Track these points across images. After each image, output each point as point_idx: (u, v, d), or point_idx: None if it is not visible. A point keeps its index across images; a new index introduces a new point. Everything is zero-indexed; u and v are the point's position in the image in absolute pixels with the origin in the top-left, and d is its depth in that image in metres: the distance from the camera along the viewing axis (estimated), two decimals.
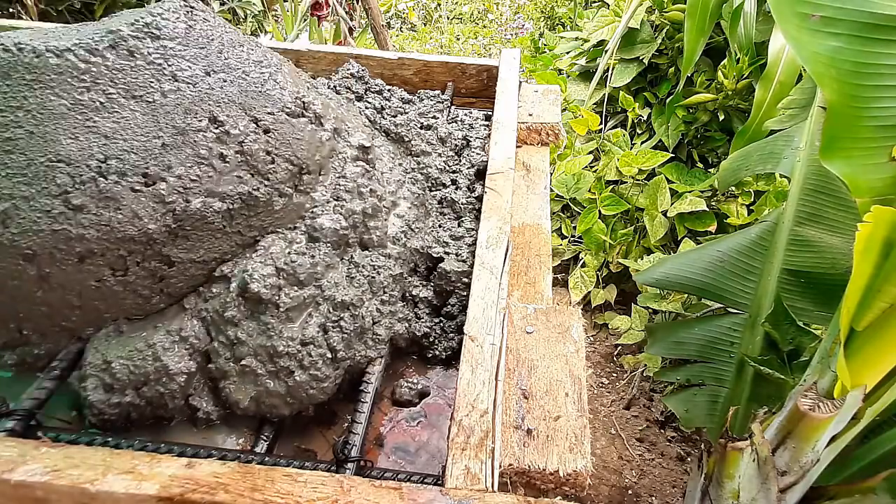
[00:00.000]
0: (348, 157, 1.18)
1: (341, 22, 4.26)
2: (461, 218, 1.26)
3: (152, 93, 0.95)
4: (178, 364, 0.92)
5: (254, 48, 1.12)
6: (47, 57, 0.91)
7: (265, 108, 1.05)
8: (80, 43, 0.93)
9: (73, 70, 0.91)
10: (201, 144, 0.96)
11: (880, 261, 1.12)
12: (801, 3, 1.16)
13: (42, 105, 0.90)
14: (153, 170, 0.93)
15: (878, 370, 1.21)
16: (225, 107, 1.01)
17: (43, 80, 0.90)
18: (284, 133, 1.06)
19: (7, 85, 0.89)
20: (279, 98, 1.09)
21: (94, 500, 0.70)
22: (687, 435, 2.49)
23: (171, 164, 0.94)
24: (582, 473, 0.83)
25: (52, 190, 0.89)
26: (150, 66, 0.96)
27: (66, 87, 0.91)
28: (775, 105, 1.97)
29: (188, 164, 0.95)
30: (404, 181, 1.25)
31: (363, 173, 1.17)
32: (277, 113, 1.07)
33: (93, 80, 0.92)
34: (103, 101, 0.92)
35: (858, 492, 1.31)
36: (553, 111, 1.54)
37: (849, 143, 1.20)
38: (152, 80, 0.96)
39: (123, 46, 0.95)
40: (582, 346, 1.00)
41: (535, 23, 5.37)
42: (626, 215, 2.83)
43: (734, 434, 1.62)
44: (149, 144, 0.93)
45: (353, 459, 0.84)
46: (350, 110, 1.32)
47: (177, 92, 0.97)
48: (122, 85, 0.94)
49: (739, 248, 1.73)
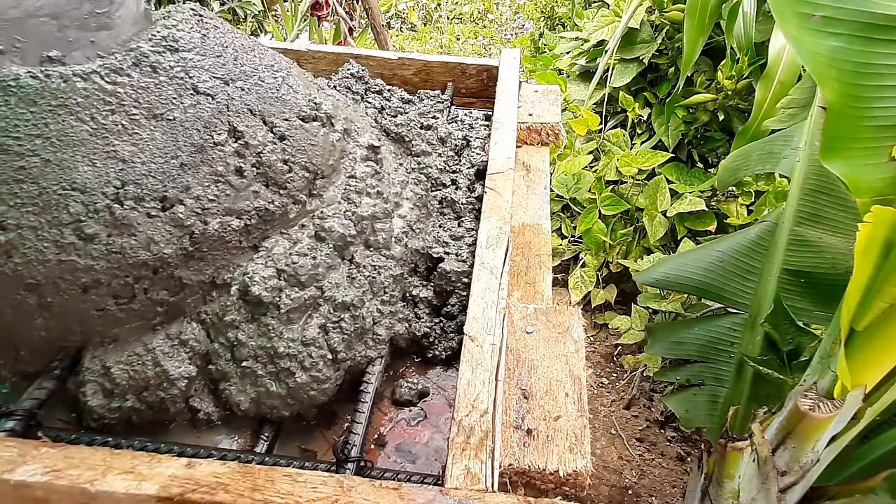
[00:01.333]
0: (358, 157, 1.18)
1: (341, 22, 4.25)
2: (461, 218, 1.25)
3: (173, 109, 0.94)
4: (179, 369, 0.92)
5: (263, 52, 1.11)
6: (74, 81, 0.88)
7: (282, 114, 1.05)
8: (105, 64, 0.91)
9: (99, 93, 0.89)
10: (219, 161, 0.96)
11: (880, 261, 1.12)
12: (802, 3, 1.15)
13: (62, 132, 0.87)
14: (171, 192, 0.92)
15: (878, 370, 1.21)
16: (244, 117, 1.00)
17: (69, 105, 0.87)
18: (300, 139, 1.06)
19: (31, 112, 0.86)
20: (294, 102, 1.08)
21: (94, 500, 0.70)
22: (687, 435, 2.49)
23: (190, 184, 0.93)
24: (582, 473, 0.83)
25: (63, 219, 0.87)
26: (172, 80, 0.95)
27: (91, 111, 0.88)
28: (776, 105, 1.97)
29: (206, 184, 0.94)
30: (407, 181, 1.25)
31: (373, 173, 1.17)
32: (293, 119, 1.06)
33: (119, 101, 0.90)
34: (125, 123, 0.90)
35: (858, 492, 1.31)
36: (553, 111, 1.54)
37: (849, 143, 1.19)
38: (174, 95, 0.95)
39: (146, 63, 0.94)
40: (582, 346, 1.00)
41: (535, 23, 5.37)
42: (626, 215, 2.83)
43: (734, 434, 1.62)
44: (167, 166, 0.92)
45: (353, 459, 0.84)
46: (357, 110, 1.32)
47: (197, 106, 0.96)
48: (145, 104, 0.92)
49: (739, 248, 1.73)
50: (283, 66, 1.12)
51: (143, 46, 0.95)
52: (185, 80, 0.96)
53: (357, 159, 1.18)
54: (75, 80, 0.88)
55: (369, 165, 1.18)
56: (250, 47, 1.08)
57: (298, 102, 1.08)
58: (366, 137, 1.22)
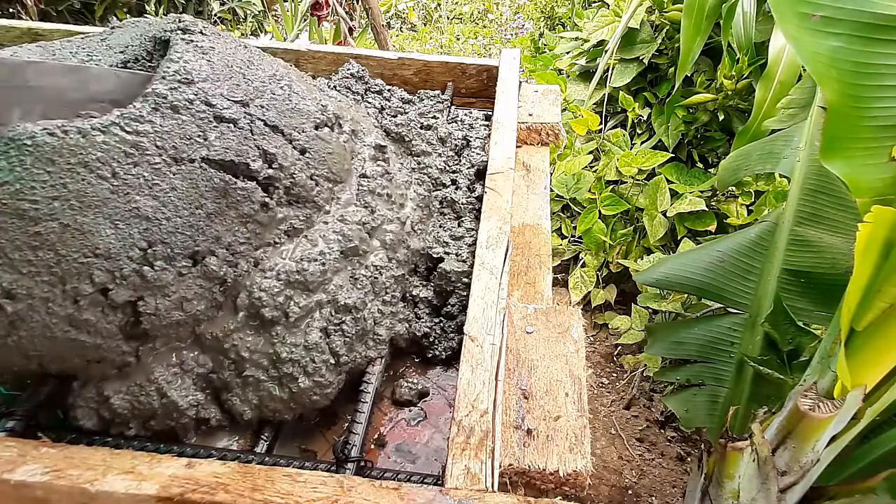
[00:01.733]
0: (366, 156, 1.18)
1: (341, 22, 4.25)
2: (461, 218, 1.25)
3: (199, 147, 0.89)
4: (187, 398, 0.90)
5: (261, 60, 1.09)
6: (94, 136, 0.83)
7: (300, 126, 1.03)
8: (124, 114, 0.86)
9: (120, 145, 0.84)
10: (244, 203, 0.92)
11: (880, 261, 1.12)
12: (802, 3, 1.15)
13: (82, 192, 0.81)
14: (202, 246, 0.88)
15: (878, 370, 1.21)
16: (270, 137, 0.97)
17: (89, 162, 0.82)
18: (319, 149, 1.04)
19: (48, 172, 0.80)
20: (306, 110, 1.05)
21: (94, 500, 0.70)
22: (687, 435, 2.49)
23: (219, 233, 0.90)
24: (582, 473, 0.83)
25: (83, 290, 0.81)
26: (195, 116, 0.90)
27: (112, 165, 0.83)
28: (776, 105, 1.97)
29: (235, 228, 0.91)
30: (411, 181, 1.25)
31: (383, 173, 1.16)
32: (308, 129, 1.04)
33: (141, 151, 0.85)
34: (147, 174, 0.85)
35: (858, 492, 1.31)
36: (553, 111, 1.54)
37: (849, 143, 1.19)
38: (199, 131, 0.90)
39: (166, 104, 0.89)
40: (582, 346, 1.00)
41: (535, 23, 5.37)
42: (626, 215, 2.83)
43: (734, 434, 1.62)
44: (193, 218, 0.87)
45: (353, 459, 0.84)
46: (359, 111, 1.32)
47: (223, 136, 0.92)
48: (169, 149, 0.87)
49: (739, 248, 1.72)
50: (285, 73, 1.11)
51: (158, 87, 0.90)
52: (207, 111, 0.92)
53: (366, 159, 1.17)
54: (94, 135, 0.83)
55: (380, 165, 1.17)
56: (249, 59, 1.06)
57: (309, 109, 1.06)
58: (372, 137, 1.22)
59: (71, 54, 1.07)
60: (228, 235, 0.91)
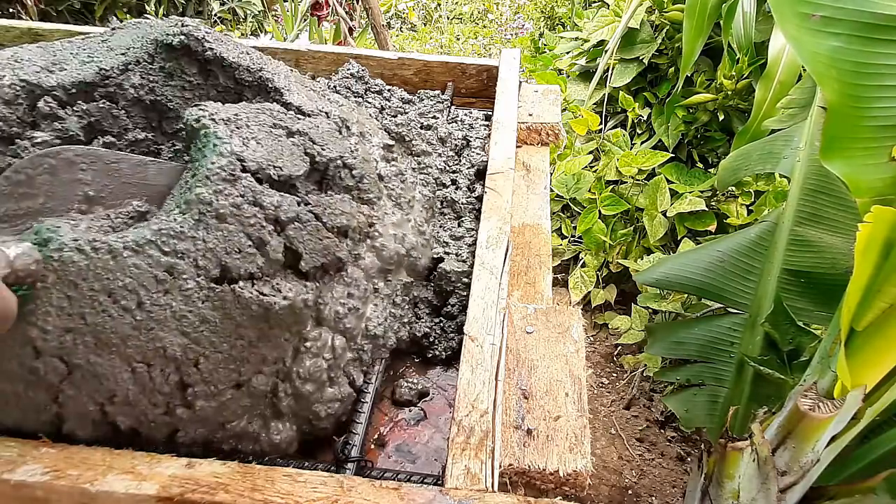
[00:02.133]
0: (377, 157, 1.17)
1: (341, 22, 4.25)
2: (461, 218, 1.25)
3: (249, 262, 0.77)
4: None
5: (270, 111, 0.98)
6: (126, 257, 0.73)
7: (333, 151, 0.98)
8: (163, 229, 0.75)
9: (153, 268, 0.74)
10: (295, 324, 0.84)
11: (880, 261, 1.12)
12: (802, 3, 1.15)
13: (100, 327, 0.71)
14: (247, 374, 0.80)
15: (878, 370, 1.21)
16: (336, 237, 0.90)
17: (114, 290, 0.72)
18: (364, 169, 1.01)
19: (68, 298, 0.70)
20: (341, 145, 0.99)
21: (94, 500, 0.70)
22: (687, 435, 2.49)
23: (266, 353, 0.81)
24: (582, 473, 0.83)
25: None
26: (244, 224, 0.79)
27: (140, 293, 0.73)
28: (776, 105, 1.97)
29: (284, 344, 0.83)
30: (416, 182, 1.25)
31: (397, 173, 1.16)
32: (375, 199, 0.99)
33: (176, 276, 0.75)
34: (177, 303, 0.74)
35: (858, 492, 1.31)
36: (553, 111, 1.54)
37: (849, 143, 1.19)
38: (247, 242, 0.78)
39: (210, 213, 0.77)
40: (582, 346, 1.00)
41: (535, 23, 5.37)
42: (626, 215, 2.83)
43: (734, 434, 1.62)
44: (235, 351, 0.77)
45: (353, 459, 0.84)
46: (362, 113, 1.32)
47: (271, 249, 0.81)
48: (212, 267, 0.76)
49: (739, 248, 1.72)
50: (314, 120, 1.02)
51: (201, 191, 0.78)
52: (258, 214, 0.80)
53: (377, 160, 1.17)
54: (126, 256, 0.73)
55: (394, 166, 1.16)
56: (263, 117, 0.94)
57: (344, 144, 0.99)
58: (378, 138, 1.22)
59: (72, 55, 1.07)
60: (277, 351, 0.83)
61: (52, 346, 0.70)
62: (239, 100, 1.12)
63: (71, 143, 0.98)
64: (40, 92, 0.99)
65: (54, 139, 0.97)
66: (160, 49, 1.07)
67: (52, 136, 0.97)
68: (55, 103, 0.99)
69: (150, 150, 1.06)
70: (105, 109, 1.02)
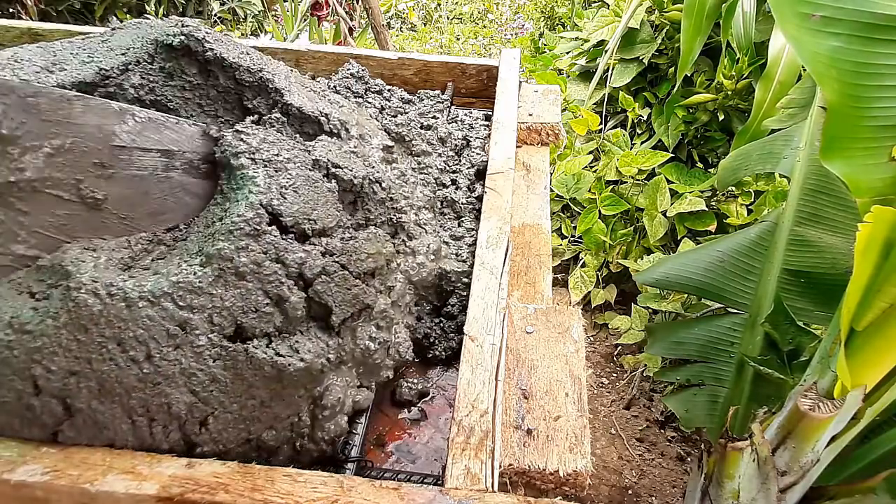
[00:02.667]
0: (377, 159, 1.17)
1: (341, 22, 4.25)
2: (461, 218, 1.25)
3: (269, 317, 0.74)
4: None
5: (289, 147, 0.93)
6: (140, 308, 0.71)
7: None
8: (180, 282, 0.73)
9: (166, 322, 0.71)
10: (312, 383, 0.81)
11: (880, 261, 1.12)
12: (802, 3, 1.15)
13: (105, 375, 0.69)
14: (258, 431, 0.78)
15: (878, 370, 1.20)
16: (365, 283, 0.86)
17: (124, 340, 0.70)
18: (394, 183, 0.99)
19: (77, 342, 0.68)
20: (361, 162, 0.97)
21: (94, 500, 0.70)
22: (687, 435, 2.49)
23: (279, 411, 0.79)
24: (582, 473, 0.83)
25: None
26: (263, 275, 0.75)
27: (150, 346, 0.71)
28: (775, 105, 1.97)
29: (298, 402, 0.80)
30: (417, 182, 1.25)
31: (399, 175, 1.15)
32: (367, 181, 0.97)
33: (188, 331, 0.72)
34: (187, 360, 0.72)
35: (858, 492, 1.31)
36: (553, 111, 1.54)
37: (849, 143, 1.19)
38: (264, 300, 0.76)
39: (230, 270, 0.75)
40: (582, 346, 1.00)
41: (535, 23, 5.37)
42: (626, 215, 2.83)
43: (734, 434, 1.62)
44: (245, 411, 0.75)
45: (354, 459, 0.84)
46: (362, 114, 1.32)
47: (291, 307, 0.78)
48: (227, 325, 0.73)
49: (739, 248, 1.72)
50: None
51: (224, 246, 0.75)
52: (279, 271, 0.77)
53: (377, 161, 1.17)
54: (141, 307, 0.71)
55: (396, 168, 1.16)
56: (303, 156, 0.91)
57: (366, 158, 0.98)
58: (378, 139, 1.22)
59: (72, 55, 1.06)
60: (291, 408, 0.80)
61: (54, 386, 0.69)
62: (239, 100, 1.12)
63: None
64: None
65: None
66: (160, 49, 1.06)
67: None
68: None
69: None
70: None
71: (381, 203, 0.98)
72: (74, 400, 0.70)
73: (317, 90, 1.25)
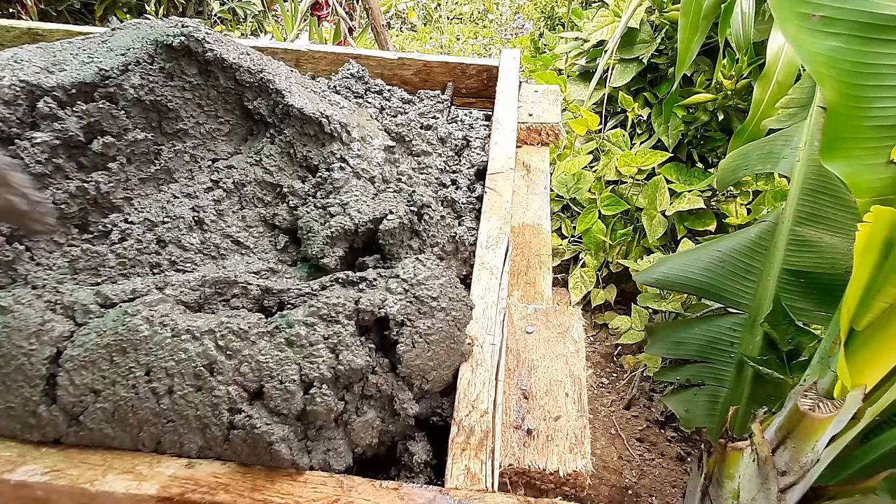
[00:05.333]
0: (380, 160, 1.17)
1: (341, 22, 4.25)
2: (461, 218, 1.25)
3: (291, 397, 0.70)
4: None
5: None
6: (184, 342, 0.71)
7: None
8: (227, 323, 0.72)
9: (199, 357, 0.70)
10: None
11: (880, 261, 1.12)
12: (801, 3, 1.15)
13: (123, 400, 0.69)
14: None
15: (878, 370, 1.20)
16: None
17: (153, 370, 0.69)
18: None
19: (112, 362, 0.69)
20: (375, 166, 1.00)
21: (94, 500, 0.70)
22: (687, 435, 2.49)
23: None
24: (582, 473, 0.83)
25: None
26: (306, 349, 0.73)
27: (174, 380, 0.70)
28: (773, 105, 1.97)
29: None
30: (418, 182, 1.25)
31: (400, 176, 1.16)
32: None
33: (215, 374, 0.71)
34: (203, 410, 0.70)
35: (858, 492, 1.31)
36: (553, 111, 1.54)
37: (849, 143, 1.19)
38: (300, 364, 0.73)
39: (283, 334, 0.73)
40: (582, 346, 1.00)
41: (535, 23, 5.37)
42: (626, 215, 2.83)
43: (734, 434, 1.62)
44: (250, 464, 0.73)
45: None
46: (363, 114, 1.32)
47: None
48: (251, 383, 0.71)
49: (739, 248, 1.72)
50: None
51: (296, 317, 0.74)
52: (328, 358, 0.74)
53: (380, 163, 1.17)
54: (183, 339, 0.71)
55: (396, 167, 1.16)
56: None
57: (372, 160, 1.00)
58: (379, 140, 1.22)
59: (72, 55, 1.06)
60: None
61: (69, 400, 0.69)
62: (240, 100, 1.12)
63: (71, 144, 0.98)
64: (40, 93, 0.99)
65: (54, 140, 0.96)
66: (160, 50, 1.06)
67: (52, 136, 0.97)
68: (55, 104, 0.99)
69: (150, 150, 1.06)
70: (105, 110, 1.02)
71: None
72: (86, 418, 0.71)
73: (317, 91, 1.25)
